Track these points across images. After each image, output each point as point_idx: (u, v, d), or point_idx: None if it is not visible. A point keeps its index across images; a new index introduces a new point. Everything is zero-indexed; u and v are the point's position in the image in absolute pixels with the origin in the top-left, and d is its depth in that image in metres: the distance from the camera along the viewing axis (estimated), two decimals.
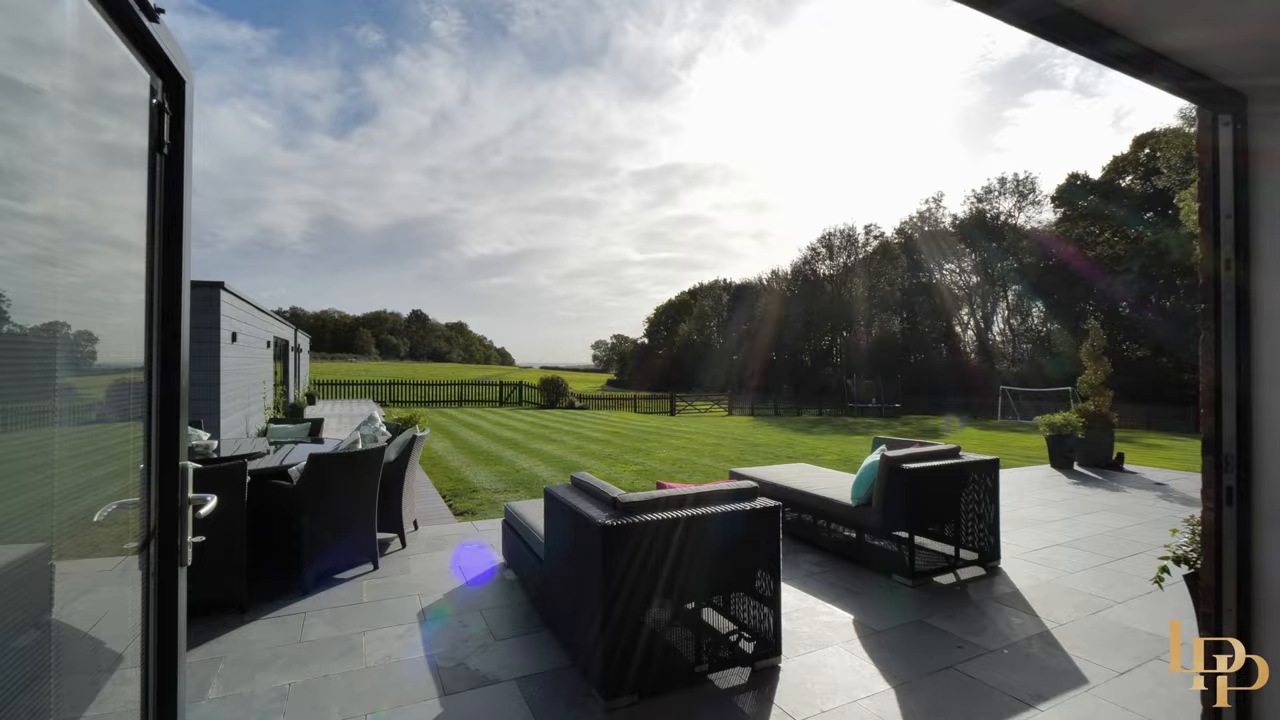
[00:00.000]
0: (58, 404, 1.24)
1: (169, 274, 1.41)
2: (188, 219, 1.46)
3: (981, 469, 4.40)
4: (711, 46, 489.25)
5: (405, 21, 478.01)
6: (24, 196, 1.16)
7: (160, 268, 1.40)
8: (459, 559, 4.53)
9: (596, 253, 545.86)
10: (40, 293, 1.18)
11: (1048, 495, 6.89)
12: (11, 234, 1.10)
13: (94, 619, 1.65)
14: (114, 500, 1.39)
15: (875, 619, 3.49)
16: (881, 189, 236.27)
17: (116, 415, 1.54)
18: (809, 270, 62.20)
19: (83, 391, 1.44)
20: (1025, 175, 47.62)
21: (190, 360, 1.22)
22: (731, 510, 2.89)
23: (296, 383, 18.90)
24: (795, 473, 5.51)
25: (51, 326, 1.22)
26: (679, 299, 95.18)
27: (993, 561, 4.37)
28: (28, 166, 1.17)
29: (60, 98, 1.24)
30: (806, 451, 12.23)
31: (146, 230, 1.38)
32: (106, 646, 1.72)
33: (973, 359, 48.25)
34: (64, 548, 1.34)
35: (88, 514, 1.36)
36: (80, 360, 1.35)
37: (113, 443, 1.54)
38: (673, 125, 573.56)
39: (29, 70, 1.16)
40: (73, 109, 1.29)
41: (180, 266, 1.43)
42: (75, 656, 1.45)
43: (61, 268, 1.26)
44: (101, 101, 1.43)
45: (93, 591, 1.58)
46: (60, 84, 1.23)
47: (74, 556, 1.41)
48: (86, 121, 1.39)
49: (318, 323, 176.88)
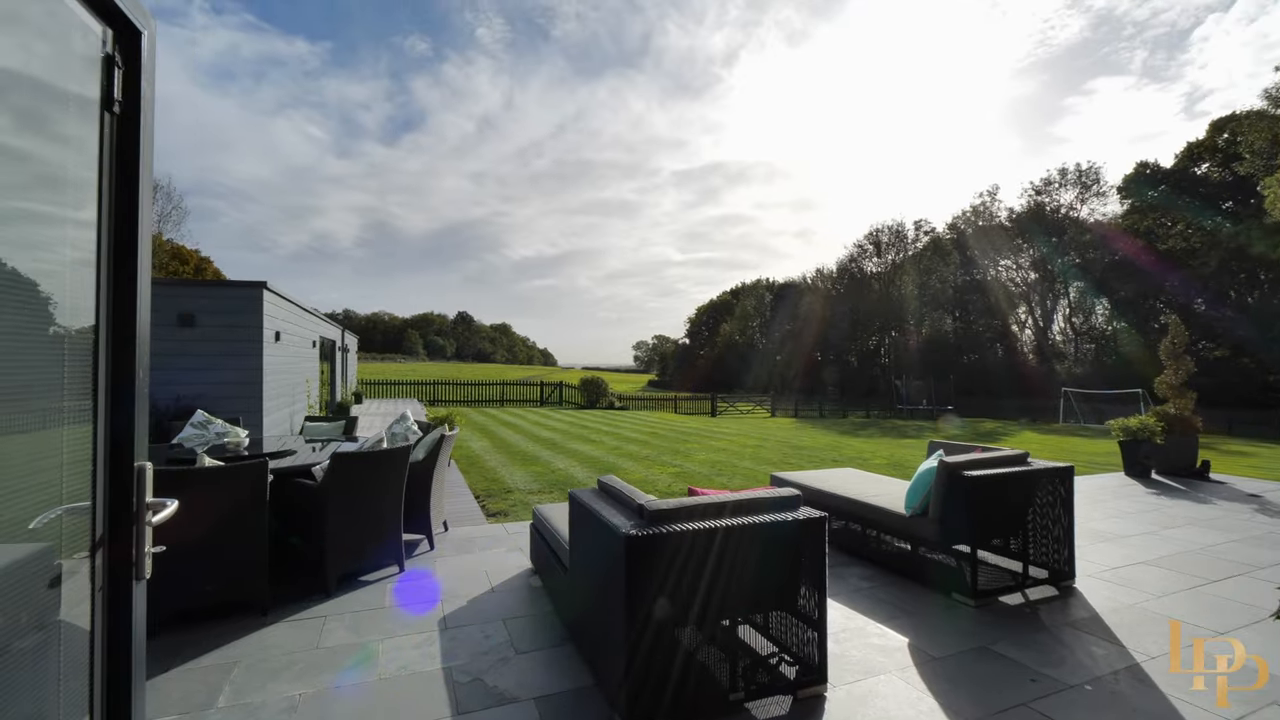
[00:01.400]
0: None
1: (120, 251, 1.25)
2: (144, 189, 1.29)
3: (1053, 477, 3.97)
4: (754, 43, 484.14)
5: (451, 30, 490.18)
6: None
7: (109, 244, 1.23)
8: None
9: (638, 253, 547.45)
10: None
11: (1124, 506, 6.30)
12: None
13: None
14: (60, 505, 1.23)
15: (933, 643, 3.14)
16: (932, 184, 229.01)
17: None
18: (855, 268, 60.58)
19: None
20: (1089, 165, 45.10)
21: (231, 359, 1.15)
22: (771, 521, 2.60)
23: (344, 382, 19.36)
24: (842, 478, 5.15)
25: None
26: (721, 299, 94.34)
27: (1066, 581, 3.93)
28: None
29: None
30: (853, 455, 11.72)
31: (96, 201, 1.22)
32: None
33: (1030, 360, 46.02)
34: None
35: (24, 519, 1.20)
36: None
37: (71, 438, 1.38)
38: (714, 124, 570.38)
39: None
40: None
41: (135, 242, 1.27)
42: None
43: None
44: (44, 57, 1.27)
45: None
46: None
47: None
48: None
49: (369, 324, 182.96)
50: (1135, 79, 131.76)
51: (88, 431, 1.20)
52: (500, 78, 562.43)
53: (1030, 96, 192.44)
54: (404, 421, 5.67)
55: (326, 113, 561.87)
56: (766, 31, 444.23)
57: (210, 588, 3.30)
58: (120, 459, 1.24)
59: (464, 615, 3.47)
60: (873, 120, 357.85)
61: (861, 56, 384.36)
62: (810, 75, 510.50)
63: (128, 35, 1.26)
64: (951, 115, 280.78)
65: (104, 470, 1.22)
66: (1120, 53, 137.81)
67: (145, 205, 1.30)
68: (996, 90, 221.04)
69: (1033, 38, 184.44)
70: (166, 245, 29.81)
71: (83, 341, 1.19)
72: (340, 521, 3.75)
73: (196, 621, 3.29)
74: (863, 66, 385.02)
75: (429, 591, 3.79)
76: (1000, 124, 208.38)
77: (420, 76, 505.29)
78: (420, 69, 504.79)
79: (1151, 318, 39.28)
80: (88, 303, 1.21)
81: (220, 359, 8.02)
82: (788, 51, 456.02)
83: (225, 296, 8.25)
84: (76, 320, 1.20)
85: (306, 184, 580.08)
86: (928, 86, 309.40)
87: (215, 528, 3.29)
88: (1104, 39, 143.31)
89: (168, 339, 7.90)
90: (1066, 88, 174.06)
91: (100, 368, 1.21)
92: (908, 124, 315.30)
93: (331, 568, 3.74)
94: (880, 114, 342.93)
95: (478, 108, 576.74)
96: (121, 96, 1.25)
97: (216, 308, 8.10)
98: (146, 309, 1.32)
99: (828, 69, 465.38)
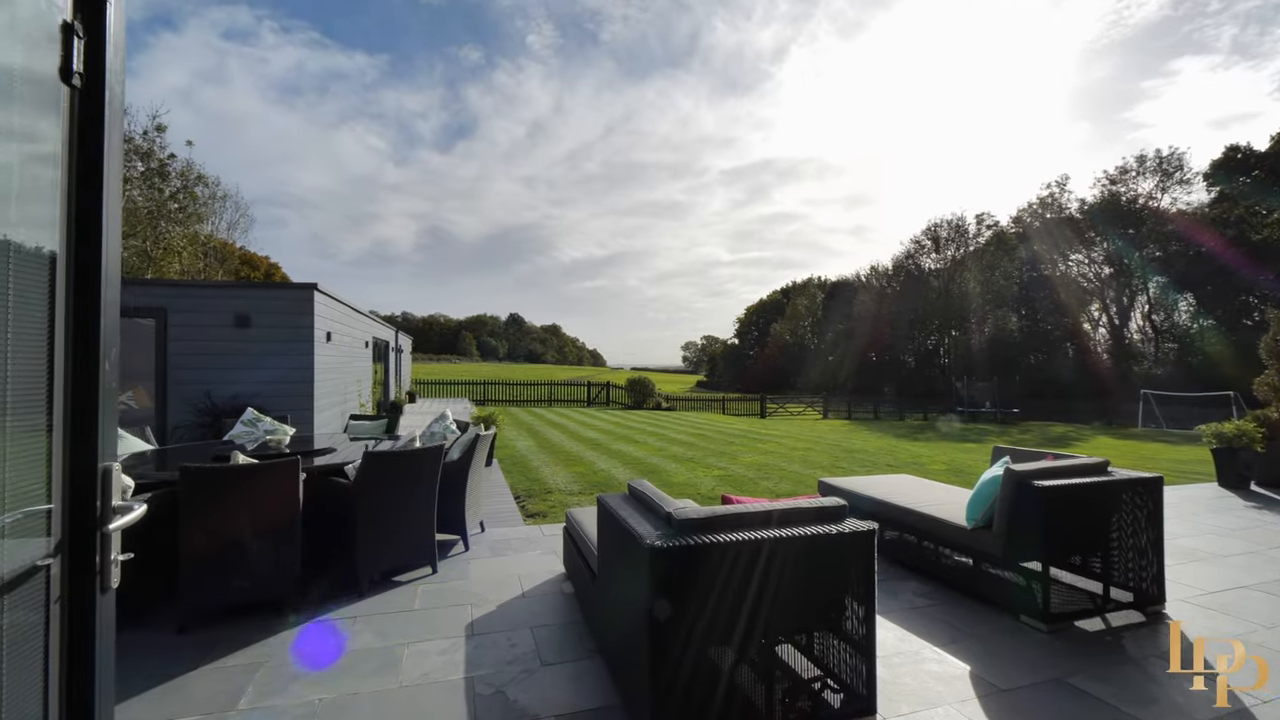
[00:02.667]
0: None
1: (84, 239, 1.15)
2: (110, 171, 1.20)
3: (1138, 489, 3.55)
4: (804, 37, 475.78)
5: (502, 38, 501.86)
6: None
7: (70, 231, 1.13)
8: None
9: (686, 254, 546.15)
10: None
11: (1220, 521, 5.67)
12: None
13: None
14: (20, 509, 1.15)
15: (1000, 673, 2.81)
16: (993, 176, 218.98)
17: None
18: (912, 265, 58.32)
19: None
20: (1170, 151, 41.80)
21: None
22: (813, 533, 2.37)
23: (398, 381, 19.91)
24: (896, 485, 4.81)
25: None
26: (771, 298, 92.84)
27: (1155, 606, 3.50)
28: None
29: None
30: (909, 460, 11.15)
31: (62, 185, 1.13)
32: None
33: (1105, 360, 43.15)
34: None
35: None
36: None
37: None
38: (763, 121, 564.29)
39: None
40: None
41: (100, 230, 1.17)
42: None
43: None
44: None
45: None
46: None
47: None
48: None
49: (425, 326, 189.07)
50: (1223, 57, 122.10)
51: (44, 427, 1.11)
52: (550, 82, 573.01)
53: (1103, 81, 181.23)
54: (443, 421, 5.65)
55: (385, 123, 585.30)
56: (817, 24, 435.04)
57: (243, 584, 3.30)
58: (82, 460, 1.15)
59: (492, 621, 3.36)
60: (930, 111, 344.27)
61: (919, 45, 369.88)
62: (864, 67, 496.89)
63: (91, 2, 1.17)
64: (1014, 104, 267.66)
65: (62, 472, 1.12)
66: (1205, 30, 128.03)
67: (111, 188, 1.20)
68: (1063, 77, 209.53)
69: (1105, 19, 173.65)
70: (238, 252, 31.70)
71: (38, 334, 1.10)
72: (371, 521, 3.71)
73: (231, 618, 3.30)
74: (920, 55, 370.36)
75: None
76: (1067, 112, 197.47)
77: (473, 84, 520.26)
78: (473, 77, 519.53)
79: (1243, 314, 36.14)
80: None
81: (274, 358, 8.28)
82: (840, 44, 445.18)
83: (278, 298, 8.52)
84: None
85: (367, 192, 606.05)
86: (988, 74, 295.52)
87: (247, 524, 3.29)
88: (1187, 15, 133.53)
89: (226, 339, 8.21)
90: (1144, 70, 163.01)
91: (57, 363, 1.11)
92: (967, 114, 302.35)
93: (363, 568, 3.70)
94: (938, 105, 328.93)
95: (528, 113, 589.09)
96: (83, 69, 1.15)
97: (270, 309, 8.37)
98: (115, 309, 1.23)
99: (883, 59, 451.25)
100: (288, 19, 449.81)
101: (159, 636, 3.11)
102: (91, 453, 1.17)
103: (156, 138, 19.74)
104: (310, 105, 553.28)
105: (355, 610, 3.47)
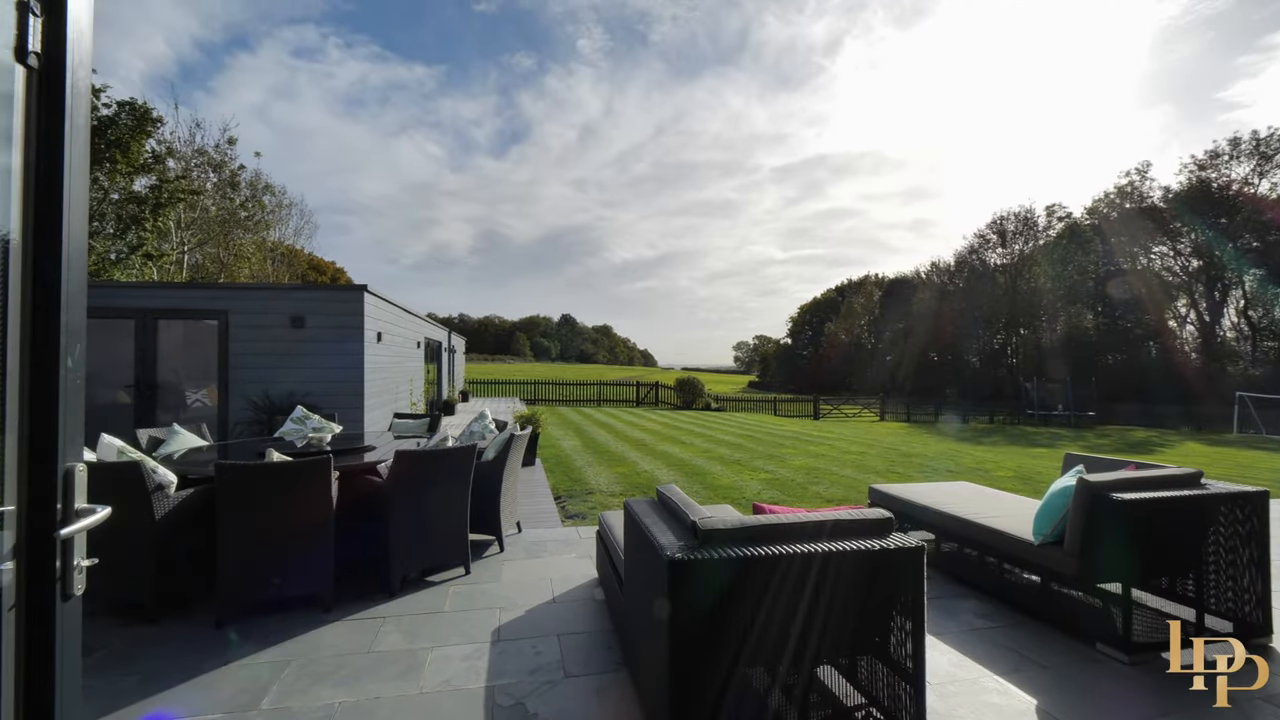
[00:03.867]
0: None
1: (42, 229, 1.09)
2: (73, 159, 1.13)
3: (1239, 503, 3.12)
4: (858, 29, 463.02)
5: (553, 43, 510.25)
6: None
7: (26, 220, 1.07)
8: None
9: (738, 253, 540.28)
10: None
11: None
12: None
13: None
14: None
15: (1072, 709, 2.50)
16: (1063, 166, 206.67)
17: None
18: (976, 260, 55.56)
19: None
20: (1270, 132, 38.10)
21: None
22: (855, 548, 2.15)
23: (450, 381, 20.37)
24: (955, 493, 4.46)
25: None
26: (825, 297, 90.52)
27: (1260, 638, 3.07)
28: None
29: None
30: (972, 465, 10.52)
31: (18, 170, 1.07)
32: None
33: (1193, 359, 39.92)
34: None
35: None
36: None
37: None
38: (817, 116, 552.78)
39: None
40: None
41: (60, 219, 1.11)
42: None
43: None
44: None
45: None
46: None
47: None
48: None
49: (480, 327, 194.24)
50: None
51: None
52: (600, 85, 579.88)
53: (1189, 60, 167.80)
54: (482, 420, 5.64)
55: (442, 130, 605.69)
56: (872, 15, 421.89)
57: (275, 580, 3.33)
58: (41, 460, 1.09)
59: (519, 627, 3.27)
60: (994, 100, 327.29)
61: (979, 32, 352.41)
62: (923, 56, 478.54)
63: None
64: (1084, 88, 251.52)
65: (23, 472, 1.06)
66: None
67: (75, 177, 1.14)
68: (1140, 58, 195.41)
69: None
70: (306, 257, 33.48)
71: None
72: (402, 520, 3.69)
73: (267, 613, 3.34)
74: (981, 42, 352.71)
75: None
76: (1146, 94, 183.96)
77: (525, 90, 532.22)
78: (526, 83, 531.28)
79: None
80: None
81: (326, 357, 8.55)
82: (897, 34, 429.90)
83: (330, 299, 8.79)
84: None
85: (427, 198, 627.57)
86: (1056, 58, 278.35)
87: (280, 521, 3.32)
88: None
89: (283, 339, 8.53)
90: (1237, 45, 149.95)
91: (10, 359, 1.05)
92: (1033, 101, 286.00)
93: (395, 567, 3.69)
94: (1002, 92, 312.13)
95: (579, 116, 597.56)
96: (40, 49, 1.09)
97: (323, 309, 8.65)
98: (79, 304, 1.16)
99: (942, 47, 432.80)
100: (351, 34, 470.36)
101: (198, 629, 3.17)
102: (52, 453, 1.11)
103: (228, 150, 20.91)
104: (373, 116, 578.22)
105: (386, 610, 3.45)
